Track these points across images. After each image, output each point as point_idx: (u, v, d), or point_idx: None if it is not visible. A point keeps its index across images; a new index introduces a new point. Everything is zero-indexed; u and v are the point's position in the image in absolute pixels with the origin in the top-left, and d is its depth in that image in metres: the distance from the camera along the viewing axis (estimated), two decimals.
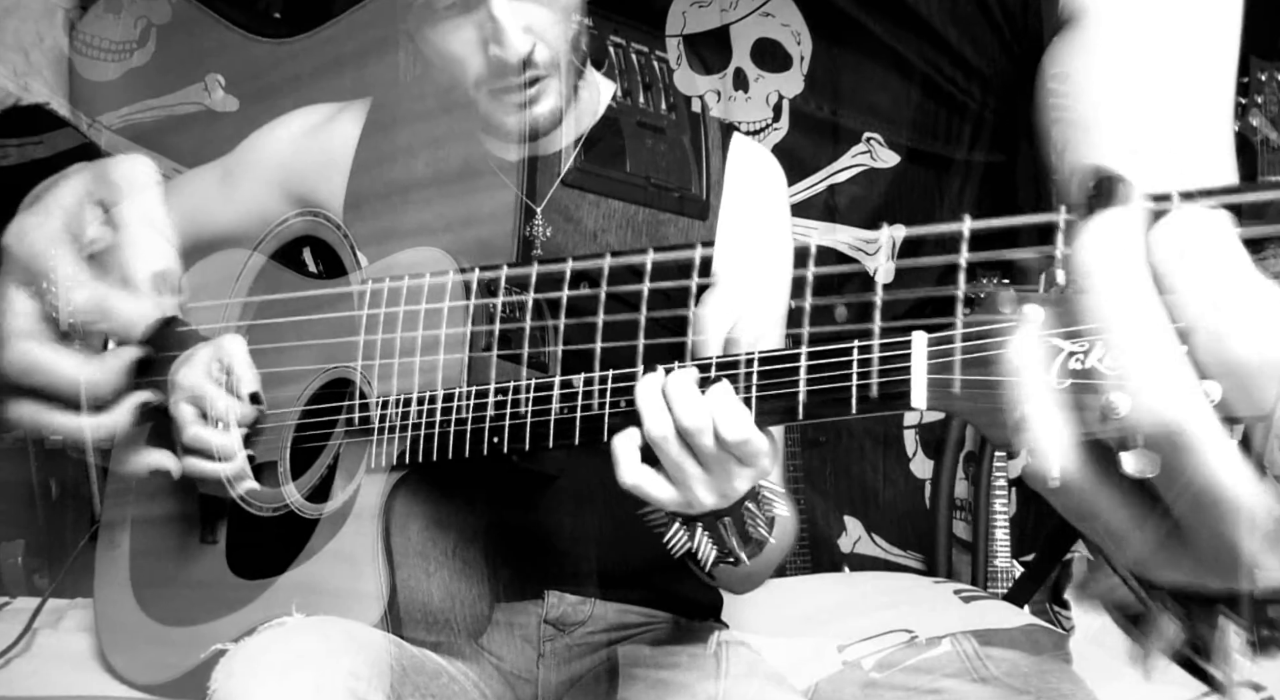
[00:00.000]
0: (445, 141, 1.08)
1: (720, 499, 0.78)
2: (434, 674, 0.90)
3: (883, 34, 1.64)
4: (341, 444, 0.96)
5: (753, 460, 0.75)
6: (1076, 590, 1.60)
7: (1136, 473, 0.49)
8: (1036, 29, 1.44)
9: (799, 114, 1.72)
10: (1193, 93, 0.54)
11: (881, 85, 1.69)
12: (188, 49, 1.63)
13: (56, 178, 0.98)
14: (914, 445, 1.87)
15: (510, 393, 0.84)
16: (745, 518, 0.82)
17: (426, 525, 0.93)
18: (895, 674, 1.08)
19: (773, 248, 1.09)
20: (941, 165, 1.69)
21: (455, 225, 0.99)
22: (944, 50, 1.62)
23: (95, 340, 0.95)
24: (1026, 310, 0.54)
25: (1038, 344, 0.52)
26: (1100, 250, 0.49)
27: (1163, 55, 1.21)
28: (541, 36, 0.97)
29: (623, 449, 0.77)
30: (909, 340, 0.64)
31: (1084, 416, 0.50)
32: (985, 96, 1.63)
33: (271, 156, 1.16)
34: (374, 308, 0.94)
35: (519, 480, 0.97)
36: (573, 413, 0.81)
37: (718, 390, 0.73)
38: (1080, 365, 0.50)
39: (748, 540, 0.83)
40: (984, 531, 1.81)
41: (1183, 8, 1.23)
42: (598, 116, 1.10)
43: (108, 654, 1.09)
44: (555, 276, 0.84)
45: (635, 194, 1.08)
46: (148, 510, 1.10)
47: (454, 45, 0.98)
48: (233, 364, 0.98)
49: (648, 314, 0.78)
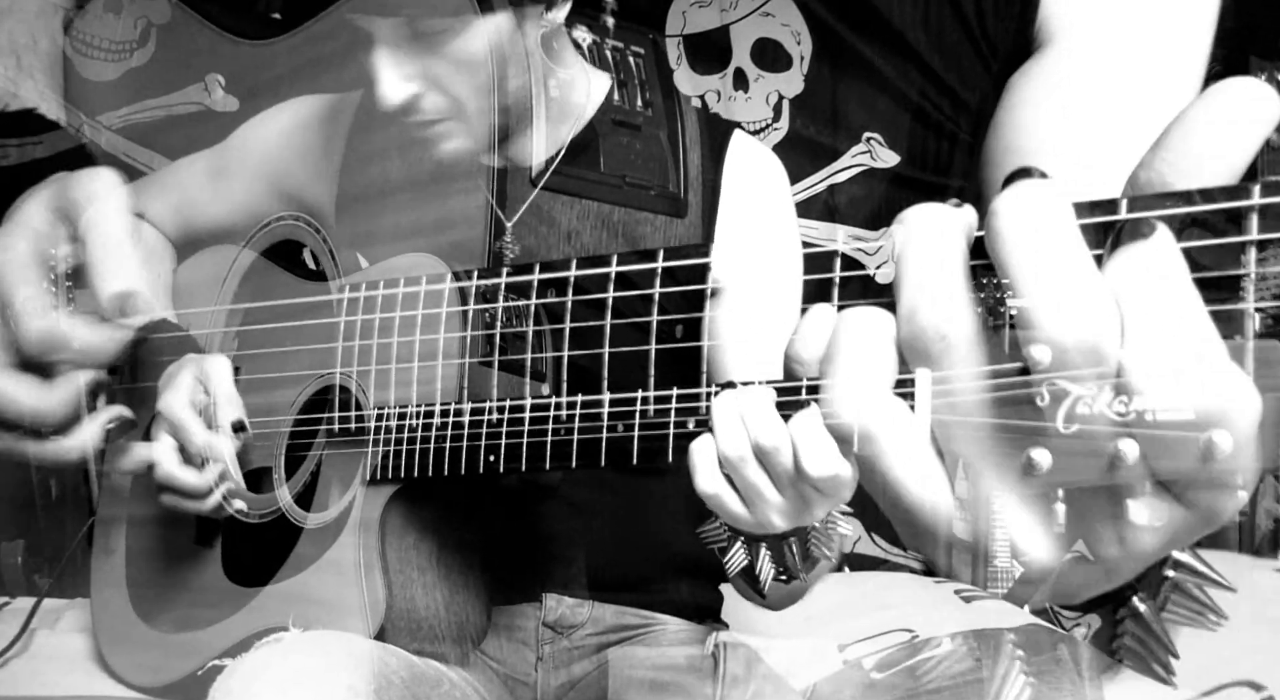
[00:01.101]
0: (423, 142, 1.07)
1: (794, 524, 0.75)
2: (435, 682, 0.90)
3: (875, 58, 1.63)
4: (323, 453, 0.96)
5: (836, 492, 0.71)
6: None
7: (1147, 524, 0.47)
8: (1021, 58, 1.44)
9: (799, 114, 1.72)
10: (1146, 126, 0.52)
11: (881, 86, 1.69)
12: (188, 49, 1.62)
13: (24, 195, 0.97)
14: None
15: (508, 410, 0.82)
16: (811, 537, 0.79)
17: (424, 537, 0.93)
18: (895, 674, 1.08)
19: (779, 248, 1.08)
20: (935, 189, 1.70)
21: (434, 229, 0.98)
22: (930, 77, 1.61)
23: (56, 368, 0.95)
24: (1035, 351, 0.48)
25: (1044, 388, 0.48)
26: (1017, 218, 0.46)
27: (1120, 86, 1.22)
28: (435, 84, 0.96)
29: (700, 456, 0.73)
30: (912, 378, 0.61)
31: (1090, 465, 0.47)
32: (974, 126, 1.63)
33: (260, 151, 1.15)
34: (370, 313, 0.94)
35: (517, 494, 0.97)
36: (570, 435, 0.78)
37: (805, 417, 0.66)
38: (1089, 410, 0.46)
39: (809, 560, 0.80)
40: (984, 531, 1.80)
41: (1149, 42, 1.23)
42: (586, 118, 1.08)
43: (105, 654, 1.09)
44: (551, 283, 0.83)
45: (611, 194, 1.06)
46: (143, 510, 1.10)
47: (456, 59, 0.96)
48: (214, 391, 0.97)
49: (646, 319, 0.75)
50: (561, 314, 0.82)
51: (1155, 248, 0.45)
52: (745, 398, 0.70)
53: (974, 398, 0.49)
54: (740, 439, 0.70)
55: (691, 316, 0.75)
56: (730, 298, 0.81)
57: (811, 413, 0.65)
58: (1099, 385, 0.45)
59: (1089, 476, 0.47)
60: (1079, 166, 0.76)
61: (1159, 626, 1.00)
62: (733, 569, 0.81)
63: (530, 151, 1.05)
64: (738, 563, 0.80)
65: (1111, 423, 0.46)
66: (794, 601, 0.98)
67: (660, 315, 0.75)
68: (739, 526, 0.76)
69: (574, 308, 0.81)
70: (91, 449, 0.96)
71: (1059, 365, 0.46)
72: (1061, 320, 0.45)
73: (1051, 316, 0.45)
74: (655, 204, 1.07)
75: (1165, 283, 0.45)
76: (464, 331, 0.86)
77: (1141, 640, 1.01)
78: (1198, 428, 0.43)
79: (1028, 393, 0.48)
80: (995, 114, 1.39)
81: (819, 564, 0.81)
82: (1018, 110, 1.34)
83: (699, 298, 0.76)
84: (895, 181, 1.64)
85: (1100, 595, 0.54)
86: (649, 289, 0.76)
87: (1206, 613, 0.99)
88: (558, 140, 1.06)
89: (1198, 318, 0.44)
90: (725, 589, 1.15)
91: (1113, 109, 1.10)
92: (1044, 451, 0.47)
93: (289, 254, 1.13)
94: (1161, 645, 1.00)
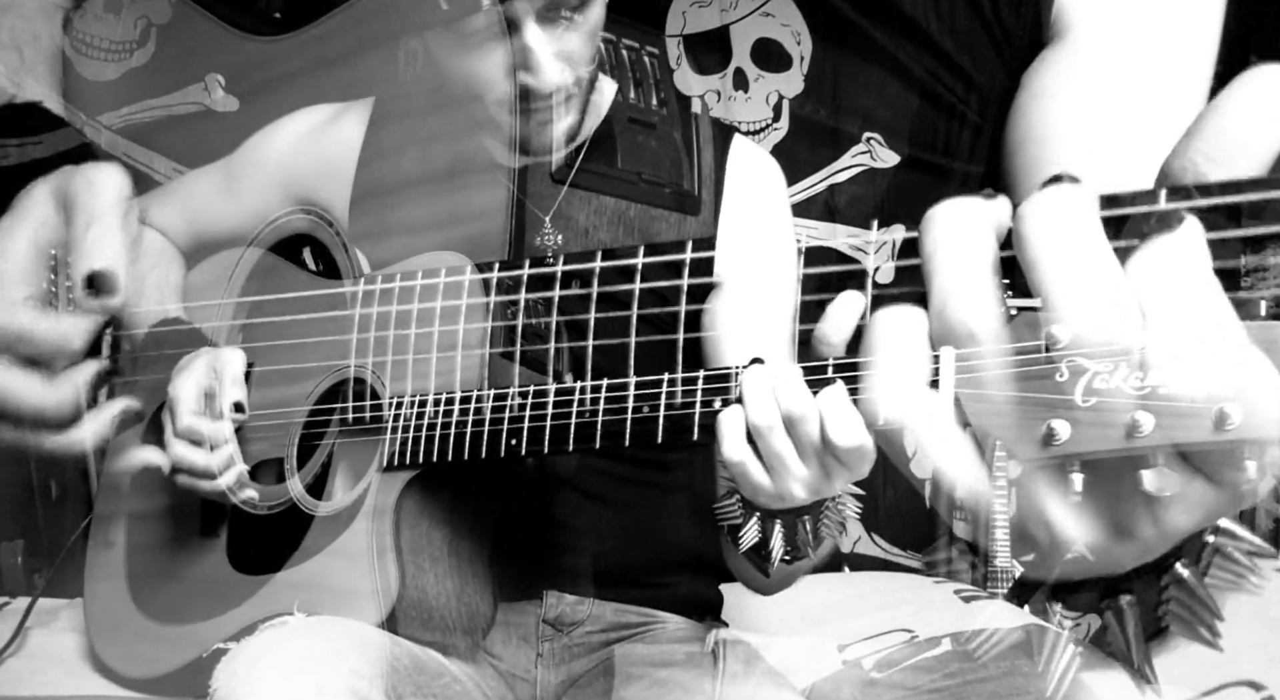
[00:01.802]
0: (452, 139, 1.07)
1: (813, 496, 0.76)
2: (435, 673, 0.90)
3: (883, 40, 1.64)
4: (335, 442, 0.96)
5: (858, 465, 0.73)
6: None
7: (1156, 491, 0.49)
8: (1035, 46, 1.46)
9: (799, 114, 1.72)
10: (1162, 117, 0.56)
11: (881, 86, 1.69)
12: (188, 49, 1.62)
13: (30, 186, 0.97)
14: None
15: (531, 396, 0.82)
16: (824, 516, 0.81)
17: (437, 525, 0.93)
18: (895, 674, 1.08)
19: (775, 249, 1.08)
20: (940, 173, 1.70)
21: (456, 223, 0.99)
22: (942, 60, 1.62)
23: (57, 364, 0.94)
24: (1054, 331, 0.51)
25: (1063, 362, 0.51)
26: (1044, 223, 0.49)
27: (1136, 78, 1.24)
28: (569, 59, 0.97)
29: (729, 425, 0.74)
30: (938, 355, 0.62)
31: (1108, 435, 0.50)
32: (983, 108, 1.63)
33: (273, 158, 1.16)
34: (386, 305, 0.94)
35: (531, 484, 0.97)
36: (595, 417, 0.79)
37: (833, 392, 0.69)
38: (1105, 384, 0.50)
39: (818, 539, 0.82)
40: (984, 531, 1.81)
41: (1163, 33, 1.25)
42: (601, 118, 1.10)
43: (96, 646, 1.08)
44: (569, 275, 0.83)
45: (627, 190, 1.08)
46: (145, 504, 1.10)
47: (479, 68, 0.97)
48: (223, 376, 0.98)
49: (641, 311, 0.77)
50: (577, 307, 0.83)
51: (1181, 238, 0.47)
52: (777, 370, 0.72)
53: (997, 373, 0.52)
54: (770, 408, 0.72)
55: (696, 308, 0.76)
56: (729, 292, 0.82)
57: (838, 388, 0.68)
58: (1115, 362, 0.48)
59: (1106, 446, 0.49)
60: (1095, 154, 0.78)
61: (1203, 591, 1.03)
62: (744, 544, 0.82)
63: (551, 145, 1.05)
64: (750, 538, 0.82)
65: (1128, 396, 0.48)
66: (789, 584, 1.00)
67: (662, 306, 0.77)
68: (758, 499, 0.78)
69: (592, 300, 0.82)
70: (95, 443, 0.96)
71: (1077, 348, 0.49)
72: (1086, 323, 0.48)
73: (1077, 318, 0.48)
74: (670, 201, 1.08)
75: (1188, 271, 0.47)
76: (485, 323, 0.87)
77: (1186, 605, 1.04)
78: (1211, 400, 0.46)
79: (1048, 368, 0.50)
80: (1014, 103, 1.42)
81: (825, 543, 0.83)
82: (1037, 100, 1.37)
83: (706, 290, 0.77)
84: (901, 170, 1.64)
85: (1140, 567, 0.57)
86: (658, 281, 0.77)
87: (1247, 575, 1.02)
88: (580, 141, 1.08)
89: (1217, 303, 0.47)
90: (726, 588, 1.16)
91: (1128, 98, 1.12)
92: (1064, 422, 0.50)
93: (291, 254, 1.13)
94: (1207, 609, 1.03)
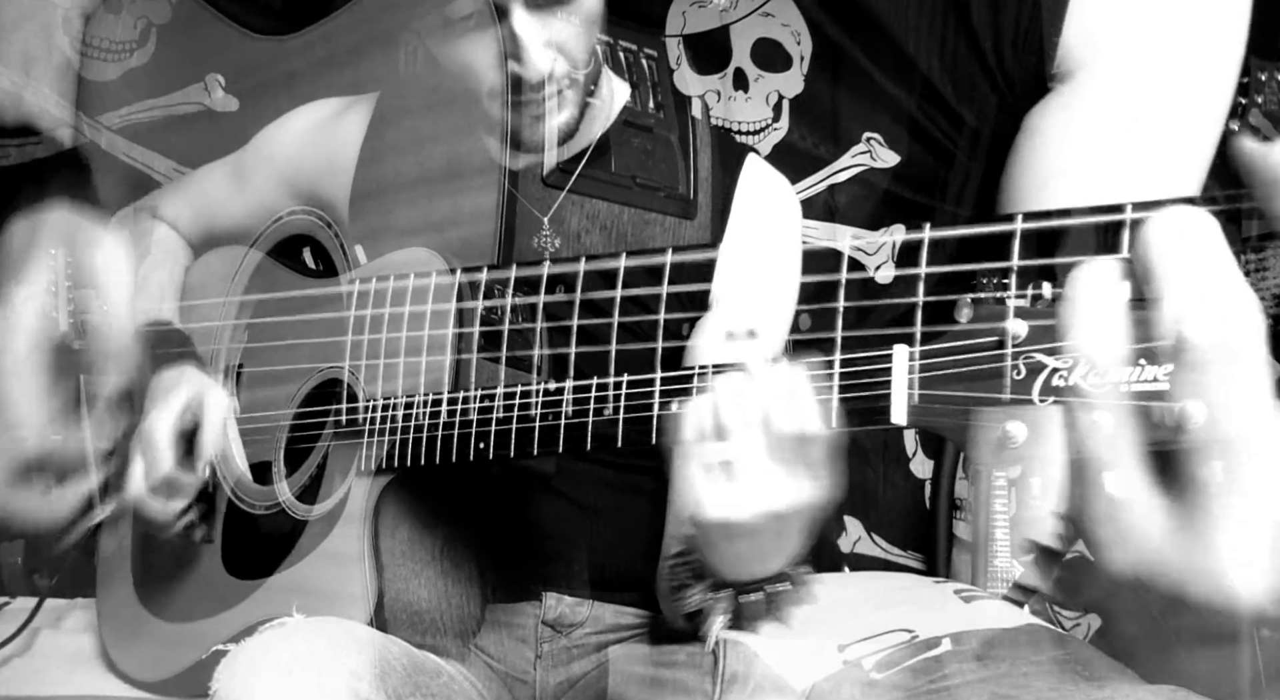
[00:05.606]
0: (447, 140, 1.07)
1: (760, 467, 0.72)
2: (434, 673, 0.90)
3: (883, 41, 1.64)
4: (329, 445, 0.96)
5: (807, 448, 0.70)
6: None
7: (1117, 493, 0.49)
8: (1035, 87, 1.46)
9: (799, 114, 1.72)
10: (1166, 159, 0.57)
11: (881, 87, 1.69)
12: (188, 48, 1.63)
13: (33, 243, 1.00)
14: (914, 445, 1.86)
15: (498, 398, 0.83)
16: (779, 597, 0.82)
17: (416, 527, 0.93)
18: (895, 674, 1.08)
19: (779, 277, 1.06)
20: (940, 168, 1.70)
21: (447, 225, 0.99)
22: (931, 97, 1.62)
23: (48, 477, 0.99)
24: (1010, 326, 0.52)
25: (1020, 360, 0.52)
26: (1087, 287, 0.49)
27: (1145, 120, 1.24)
28: (562, 49, 0.96)
29: (692, 413, 0.72)
30: (889, 354, 0.62)
31: (1070, 433, 0.49)
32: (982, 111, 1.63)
33: (279, 153, 1.16)
34: (362, 309, 0.94)
35: (511, 479, 0.97)
36: (557, 419, 0.79)
37: (795, 373, 0.68)
38: (1064, 383, 0.49)
39: (773, 614, 0.84)
40: (984, 531, 1.81)
41: (1177, 78, 1.25)
42: (610, 122, 1.08)
43: (110, 650, 1.09)
44: (555, 277, 0.83)
45: (621, 194, 1.06)
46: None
47: (471, 58, 0.96)
48: (203, 424, 1.01)
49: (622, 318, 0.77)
50: (558, 311, 0.83)
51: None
52: (747, 355, 0.71)
53: (949, 373, 0.52)
54: (739, 382, 0.71)
55: (685, 316, 0.76)
56: (723, 311, 0.82)
57: (800, 370, 0.68)
58: (1073, 359, 0.48)
59: (1066, 448, 0.49)
60: (1098, 191, 0.78)
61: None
62: (684, 608, 0.84)
63: (565, 149, 1.04)
64: (689, 606, 0.83)
65: (1089, 396, 0.48)
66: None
67: (646, 314, 0.76)
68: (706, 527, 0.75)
69: (568, 305, 0.82)
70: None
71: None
72: (1201, 325, 0.48)
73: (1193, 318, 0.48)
74: (665, 205, 1.06)
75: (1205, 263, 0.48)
76: (453, 328, 0.87)
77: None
78: (1171, 398, 0.46)
79: (1001, 366, 0.50)
80: (1015, 146, 1.43)
81: (779, 618, 0.84)
82: (1039, 140, 1.39)
83: (688, 298, 0.77)
84: (901, 170, 1.64)
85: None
86: (642, 288, 0.77)
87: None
88: (586, 140, 1.06)
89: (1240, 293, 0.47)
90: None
91: (1137, 139, 1.13)
92: (1019, 424, 0.49)
93: (292, 253, 1.14)
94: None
